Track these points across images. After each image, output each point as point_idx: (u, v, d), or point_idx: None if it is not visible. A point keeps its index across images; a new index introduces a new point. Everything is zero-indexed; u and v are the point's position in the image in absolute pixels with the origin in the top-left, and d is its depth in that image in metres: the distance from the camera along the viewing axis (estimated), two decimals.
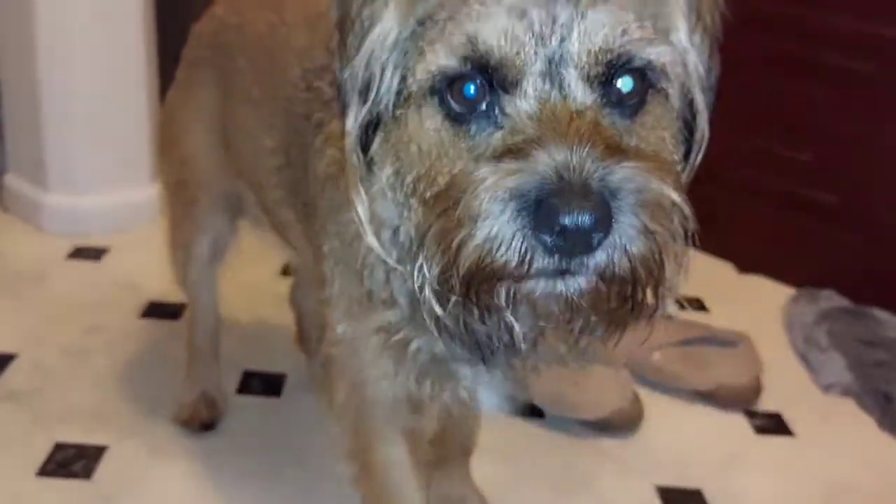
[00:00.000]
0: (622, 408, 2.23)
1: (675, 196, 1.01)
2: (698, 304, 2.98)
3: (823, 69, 2.98)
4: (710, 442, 2.27)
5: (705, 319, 2.84)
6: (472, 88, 1.08)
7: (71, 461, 1.98)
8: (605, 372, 2.27)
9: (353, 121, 1.16)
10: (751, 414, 2.39)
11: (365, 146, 1.18)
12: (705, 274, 3.19)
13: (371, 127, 1.16)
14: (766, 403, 2.43)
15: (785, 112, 3.09)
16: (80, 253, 2.97)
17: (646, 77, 1.11)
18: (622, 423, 2.23)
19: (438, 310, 1.07)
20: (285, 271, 2.77)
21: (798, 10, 2.98)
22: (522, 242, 0.96)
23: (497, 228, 0.96)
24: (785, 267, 3.16)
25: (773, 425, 2.36)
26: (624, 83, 1.09)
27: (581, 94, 1.06)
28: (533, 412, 2.27)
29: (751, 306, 2.99)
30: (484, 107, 1.07)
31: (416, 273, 1.08)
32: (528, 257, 0.96)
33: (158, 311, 2.62)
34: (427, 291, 1.07)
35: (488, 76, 1.06)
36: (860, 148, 2.96)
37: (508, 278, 1.00)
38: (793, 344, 2.79)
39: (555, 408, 2.25)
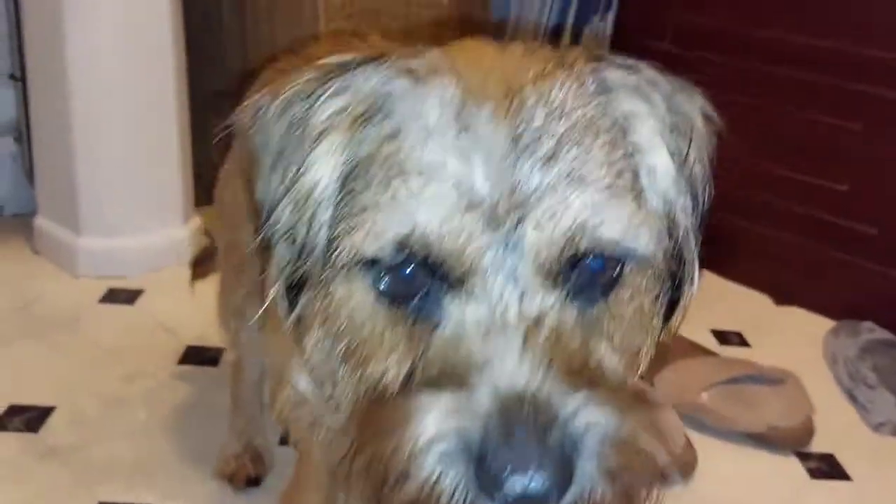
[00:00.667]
0: (675, 454, 2.17)
1: (643, 441, 0.86)
2: (739, 339, 2.94)
3: (860, 99, 2.94)
4: (765, 487, 2.22)
5: (747, 354, 2.79)
6: (408, 272, 0.92)
7: None
8: None
9: (277, 268, 1.02)
10: (803, 456, 2.34)
11: (292, 299, 1.03)
12: (743, 306, 3.16)
13: (296, 284, 1.01)
14: (818, 444, 2.37)
15: (822, 142, 3.06)
16: (114, 296, 2.93)
17: (619, 258, 0.96)
18: (676, 471, 2.17)
19: None
20: None
21: (832, 41, 2.95)
22: (465, 497, 0.82)
23: (437, 476, 0.82)
24: (823, 299, 3.11)
25: (827, 468, 2.31)
26: (595, 263, 0.94)
27: (540, 296, 0.89)
28: None
29: (791, 340, 2.94)
30: (424, 292, 0.92)
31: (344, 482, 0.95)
32: None
33: (197, 356, 2.59)
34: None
35: (427, 267, 0.90)
36: None
37: None
38: (837, 380, 2.74)
39: None
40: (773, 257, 3.24)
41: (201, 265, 2.35)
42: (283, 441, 2.25)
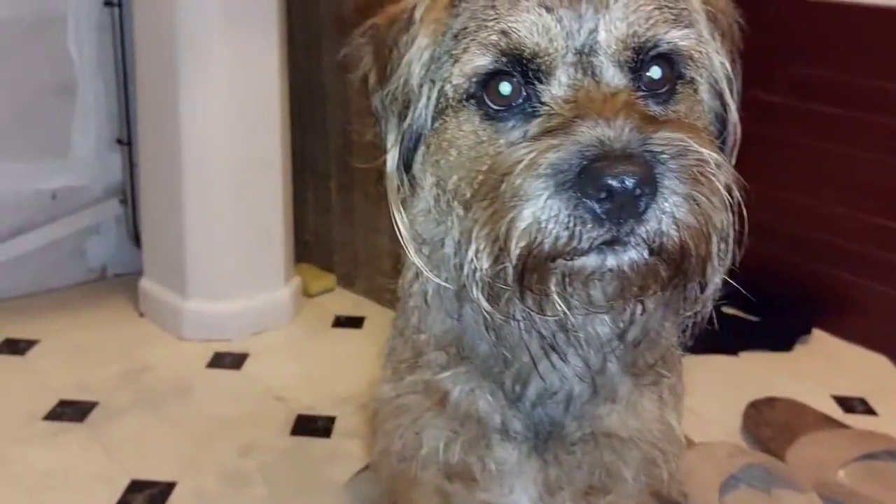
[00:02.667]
0: None
1: (717, 156, 1.00)
2: (864, 406, 2.79)
3: None
4: None
5: (875, 424, 2.66)
6: (507, 87, 1.11)
7: None
8: (796, 499, 2.11)
9: (394, 141, 1.21)
10: None
11: (407, 164, 1.22)
12: (862, 370, 3.01)
13: (411, 144, 1.21)
14: None
15: None
16: (220, 360, 2.93)
17: (673, 64, 1.15)
18: None
19: (487, 306, 1.09)
20: None
21: None
22: (569, 215, 0.96)
23: (542, 206, 0.97)
24: None
25: None
26: (653, 71, 1.13)
27: (613, 77, 1.09)
28: None
29: None
30: (521, 101, 1.11)
31: (465, 269, 1.08)
32: (577, 230, 0.96)
33: (308, 428, 2.55)
34: (476, 289, 1.07)
35: (523, 69, 1.10)
36: None
37: (560, 257, 0.99)
38: None
39: None
40: (892, 316, 3.09)
41: None
42: None
